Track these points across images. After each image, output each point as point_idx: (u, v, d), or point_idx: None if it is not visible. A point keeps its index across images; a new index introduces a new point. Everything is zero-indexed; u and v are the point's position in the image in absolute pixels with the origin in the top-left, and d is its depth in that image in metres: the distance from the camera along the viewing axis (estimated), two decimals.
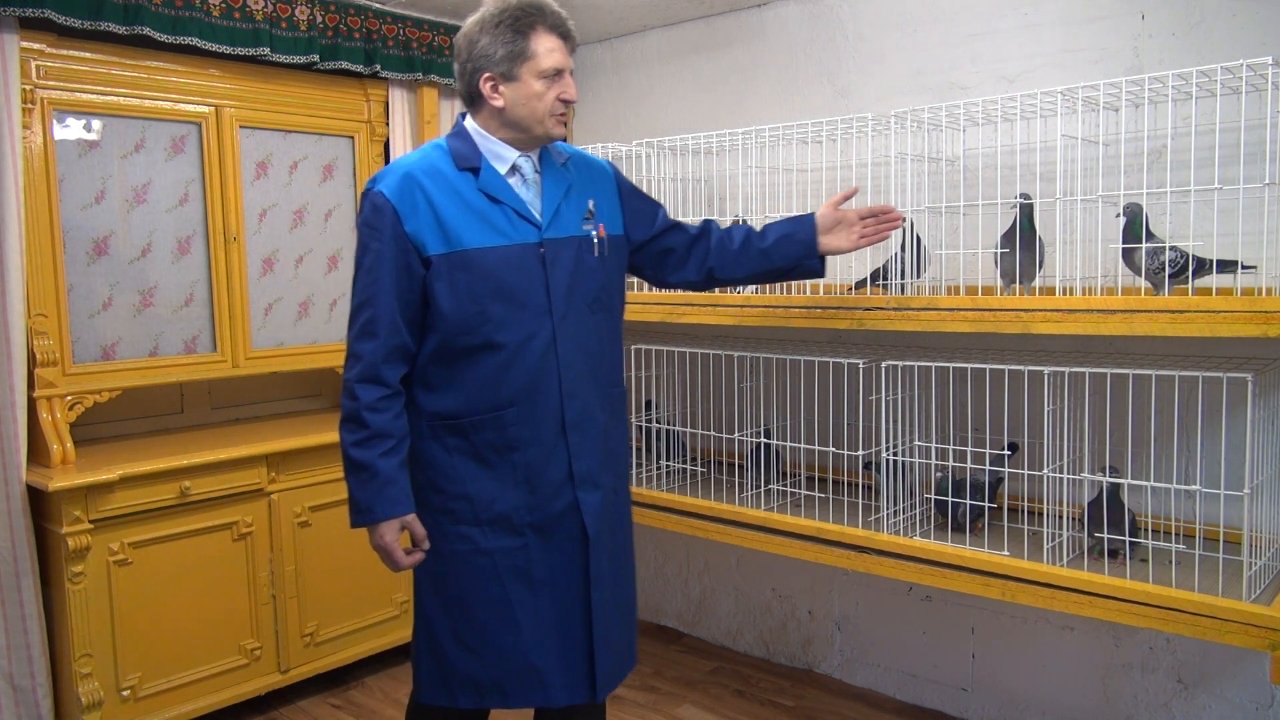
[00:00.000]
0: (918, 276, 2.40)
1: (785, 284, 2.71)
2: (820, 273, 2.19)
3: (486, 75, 1.85)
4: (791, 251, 2.14)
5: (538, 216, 1.87)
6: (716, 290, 2.63)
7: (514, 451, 1.86)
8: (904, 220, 2.20)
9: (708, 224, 2.20)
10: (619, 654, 2.01)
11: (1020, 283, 2.28)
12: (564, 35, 1.86)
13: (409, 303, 1.82)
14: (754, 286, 2.76)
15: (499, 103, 1.85)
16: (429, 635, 1.94)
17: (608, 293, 1.98)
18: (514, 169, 1.89)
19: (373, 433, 1.81)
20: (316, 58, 3.12)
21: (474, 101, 1.90)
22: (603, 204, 2.01)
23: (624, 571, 2.05)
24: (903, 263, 2.38)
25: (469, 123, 1.92)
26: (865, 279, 2.55)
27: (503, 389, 1.84)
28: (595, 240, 1.95)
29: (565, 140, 1.93)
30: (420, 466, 1.90)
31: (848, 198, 2.18)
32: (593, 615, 1.92)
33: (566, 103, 1.87)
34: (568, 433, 1.88)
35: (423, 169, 1.84)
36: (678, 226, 2.17)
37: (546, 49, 1.83)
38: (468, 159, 1.87)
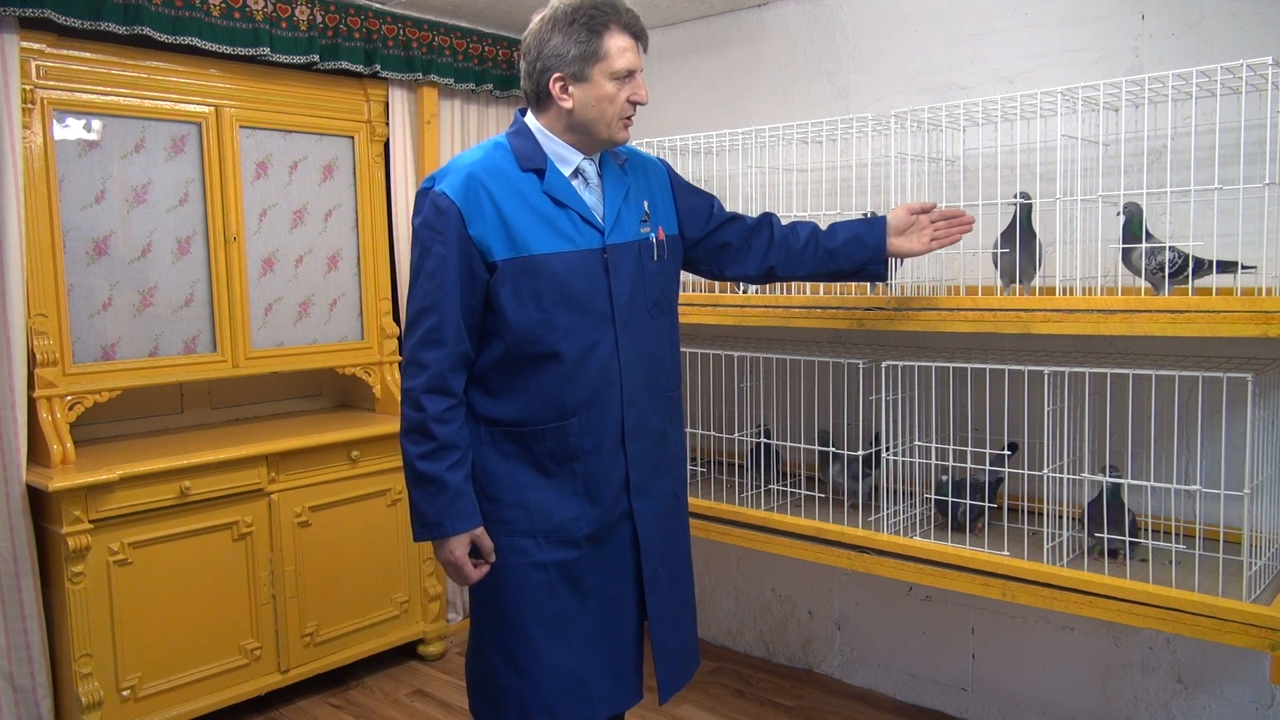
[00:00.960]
0: (900, 264, 2.40)
1: (786, 283, 2.72)
2: (883, 277, 2.17)
3: (557, 75, 1.77)
4: (858, 255, 2.11)
5: (600, 221, 1.83)
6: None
7: (575, 461, 1.82)
8: (974, 224, 2.18)
9: (767, 216, 2.16)
10: (682, 656, 2.00)
11: (1019, 282, 2.28)
12: (636, 35, 1.80)
13: (471, 309, 1.77)
14: (755, 286, 2.76)
15: (568, 104, 1.78)
16: (478, 650, 1.91)
17: (667, 297, 1.95)
18: (577, 172, 1.84)
19: (440, 444, 1.75)
20: (316, 58, 3.12)
21: (540, 101, 1.83)
22: (658, 204, 1.96)
23: (682, 575, 2.03)
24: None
25: (531, 121, 1.85)
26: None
27: (566, 398, 1.80)
28: (654, 243, 1.91)
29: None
30: (474, 475, 1.84)
31: (926, 210, 2.14)
32: (650, 619, 1.91)
33: (636, 105, 1.81)
34: (626, 442, 1.85)
35: (485, 169, 1.77)
36: (734, 219, 2.12)
37: (620, 49, 1.76)
38: (532, 160, 1.80)
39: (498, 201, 1.75)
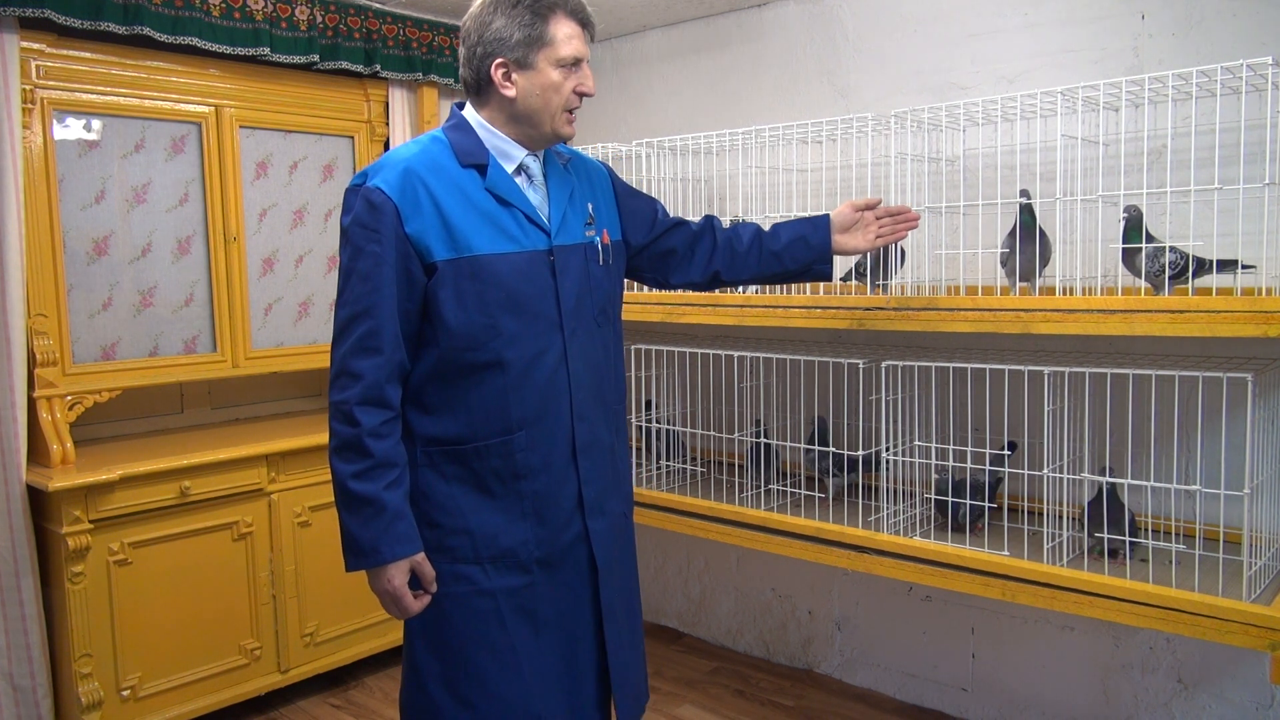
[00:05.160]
0: (901, 267, 2.41)
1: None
2: (828, 277, 2.10)
3: (499, 61, 1.67)
4: (803, 255, 2.04)
5: (546, 222, 1.73)
6: (717, 290, 2.63)
7: (522, 480, 1.70)
8: (919, 221, 2.14)
9: (710, 220, 2.07)
10: (637, 691, 1.89)
11: (1025, 280, 2.28)
12: (584, 22, 1.70)
13: (408, 314, 1.64)
14: (755, 285, 2.77)
15: (510, 92, 1.68)
16: (418, 685, 1.75)
17: (612, 304, 1.86)
18: (521, 169, 1.74)
19: (377, 462, 1.61)
20: (316, 58, 3.12)
21: (481, 91, 1.72)
22: (601, 208, 1.87)
23: (634, 603, 1.92)
24: (887, 256, 2.40)
25: (471, 115, 1.74)
26: (850, 271, 2.55)
27: (511, 411, 1.68)
28: (600, 248, 1.81)
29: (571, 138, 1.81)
30: (413, 499, 1.70)
31: (870, 206, 2.08)
32: (609, 652, 1.79)
33: (583, 96, 1.72)
34: (578, 457, 1.74)
35: (423, 164, 1.65)
36: (679, 224, 2.02)
37: (566, 35, 1.67)
38: (472, 155, 1.69)
39: (437, 198, 1.63)
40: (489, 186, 1.69)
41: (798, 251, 2.04)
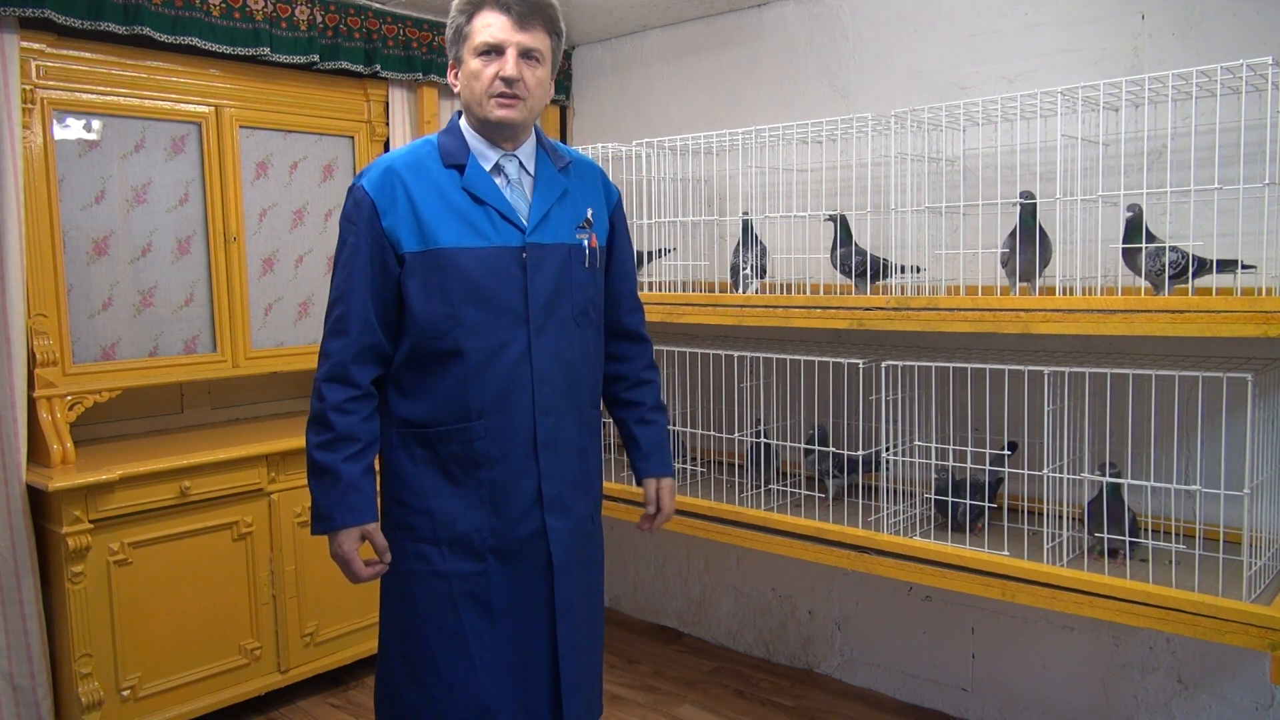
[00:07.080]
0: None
1: (784, 284, 2.73)
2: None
3: (450, 63, 1.80)
4: (632, 452, 2.06)
5: (523, 220, 1.78)
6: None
7: (480, 468, 1.77)
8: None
9: (647, 373, 2.05)
10: (590, 701, 1.90)
11: (1026, 280, 2.28)
12: (506, 8, 1.72)
13: (384, 301, 1.75)
14: (755, 286, 2.78)
15: (456, 89, 1.80)
16: (383, 656, 1.86)
17: (596, 307, 1.89)
18: (497, 168, 1.81)
19: (338, 435, 1.72)
20: (316, 58, 3.12)
21: None
22: (598, 218, 1.90)
23: (595, 607, 1.94)
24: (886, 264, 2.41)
25: (462, 120, 1.85)
26: (841, 254, 2.55)
27: (470, 399, 1.75)
28: (587, 250, 1.85)
29: (514, 125, 1.78)
30: (387, 477, 1.82)
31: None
32: (560, 653, 1.82)
33: (508, 81, 1.72)
34: (539, 452, 1.78)
35: (407, 164, 1.77)
36: (632, 337, 2.03)
37: (482, 24, 1.73)
38: (454, 156, 1.79)
39: (412, 195, 1.74)
40: (465, 185, 1.77)
41: (630, 447, 2.06)
